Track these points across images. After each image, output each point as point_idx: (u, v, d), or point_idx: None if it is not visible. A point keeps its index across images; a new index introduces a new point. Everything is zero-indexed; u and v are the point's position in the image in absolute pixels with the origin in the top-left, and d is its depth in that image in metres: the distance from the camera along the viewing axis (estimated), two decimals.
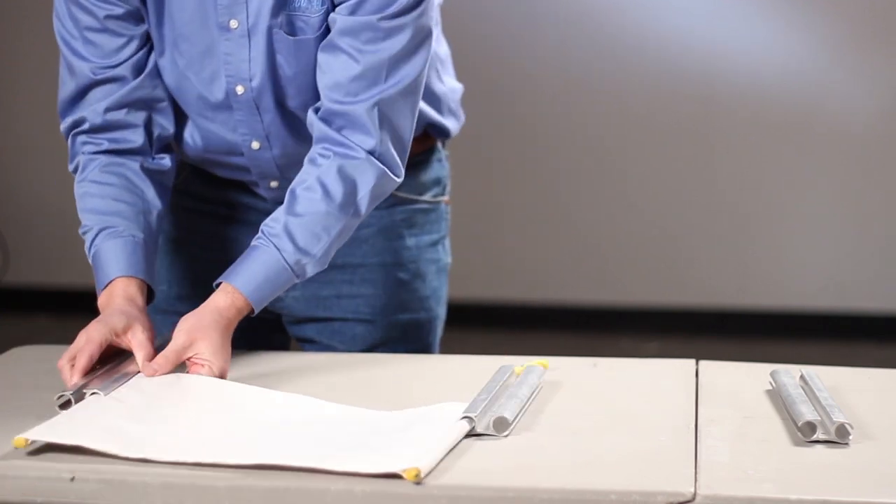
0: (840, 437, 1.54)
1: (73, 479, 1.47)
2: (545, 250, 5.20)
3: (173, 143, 2.00)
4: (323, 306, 2.08)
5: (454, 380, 1.83)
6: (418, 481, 1.44)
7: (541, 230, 5.19)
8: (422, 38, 1.86)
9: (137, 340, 1.76)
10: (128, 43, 1.91)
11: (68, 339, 1.71)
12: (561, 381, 1.79)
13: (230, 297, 1.80)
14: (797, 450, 1.54)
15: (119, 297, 1.82)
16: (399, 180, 1.89)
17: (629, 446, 1.56)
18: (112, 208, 1.89)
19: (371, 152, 1.85)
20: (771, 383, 1.77)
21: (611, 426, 1.63)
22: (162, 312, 2.04)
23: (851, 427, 1.55)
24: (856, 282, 5.10)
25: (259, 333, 2.02)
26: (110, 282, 1.84)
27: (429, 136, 2.10)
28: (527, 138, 5.04)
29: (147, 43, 1.93)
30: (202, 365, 1.74)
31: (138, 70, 1.92)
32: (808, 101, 4.99)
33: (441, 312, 2.15)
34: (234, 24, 1.87)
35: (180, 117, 1.98)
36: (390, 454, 1.49)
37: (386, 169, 1.86)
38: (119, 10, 1.89)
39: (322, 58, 1.86)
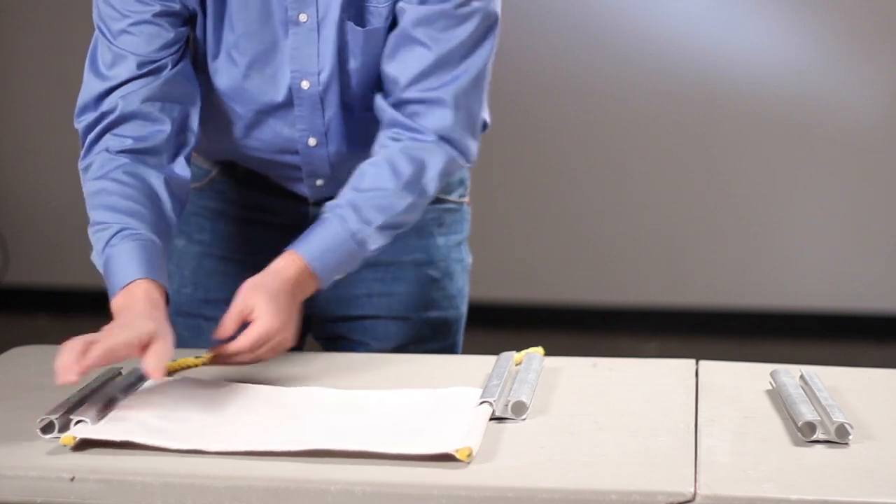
0: (840, 437, 1.55)
1: (73, 479, 1.47)
2: (545, 250, 5.20)
3: (193, 153, 1.98)
4: (354, 305, 2.08)
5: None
6: (470, 461, 1.48)
7: (541, 230, 5.19)
8: (490, 24, 1.89)
9: (158, 349, 1.66)
10: (172, 41, 1.88)
11: (68, 339, 1.70)
12: (561, 381, 1.79)
13: (289, 259, 1.80)
14: (797, 450, 1.54)
15: (142, 301, 1.73)
16: (469, 165, 1.92)
17: (629, 446, 1.56)
18: (132, 209, 1.81)
19: (442, 137, 1.88)
20: (771, 383, 1.77)
21: (611, 426, 1.63)
22: (185, 315, 2.05)
23: (851, 427, 1.55)
24: (856, 282, 5.10)
25: None
26: (130, 283, 1.74)
27: None
28: (526, 139, 5.04)
29: (185, 45, 1.91)
30: (255, 321, 1.73)
31: (173, 65, 1.89)
32: (809, 101, 4.99)
33: (465, 311, 2.17)
34: (303, 17, 1.87)
35: (231, 119, 1.96)
36: (436, 437, 1.54)
37: (456, 153, 1.89)
38: (175, 7, 1.87)
39: (393, 48, 1.88)
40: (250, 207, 2.07)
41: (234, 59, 1.91)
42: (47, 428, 1.58)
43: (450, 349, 2.13)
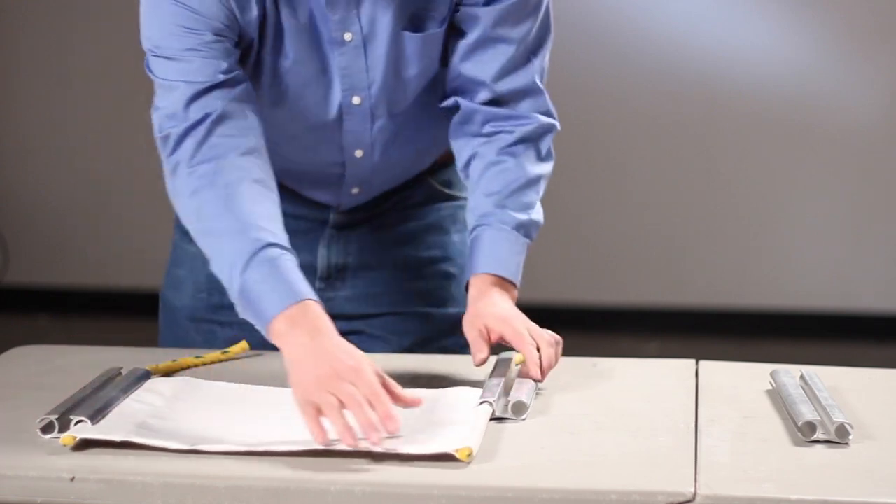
0: (840, 437, 1.54)
1: (73, 479, 1.47)
2: (545, 250, 5.18)
3: None
4: (374, 303, 2.08)
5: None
6: (470, 461, 1.48)
7: (541, 230, 5.18)
8: (549, 3, 1.95)
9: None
10: (232, 60, 1.83)
11: (68, 339, 1.70)
12: (561, 381, 1.79)
13: (479, 280, 1.86)
14: (797, 450, 1.54)
15: (331, 330, 1.65)
16: (559, 125, 1.98)
17: (629, 446, 1.56)
18: (279, 219, 1.75)
19: (539, 112, 1.94)
20: (771, 383, 1.77)
21: (611, 426, 1.63)
22: (199, 321, 2.04)
23: (851, 427, 1.55)
24: (856, 282, 5.10)
25: None
26: (304, 300, 1.66)
27: None
28: None
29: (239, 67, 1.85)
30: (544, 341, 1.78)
31: (244, 83, 1.83)
32: (809, 101, 4.99)
33: None
34: (348, 36, 1.86)
35: (281, 137, 1.92)
36: (436, 437, 1.54)
37: (554, 121, 1.96)
38: (234, 38, 1.82)
39: (469, 49, 1.90)
40: None
41: (289, 84, 1.90)
42: (47, 428, 1.58)
43: (467, 344, 2.13)
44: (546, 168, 1.96)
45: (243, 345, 1.94)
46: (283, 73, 1.89)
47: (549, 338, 1.78)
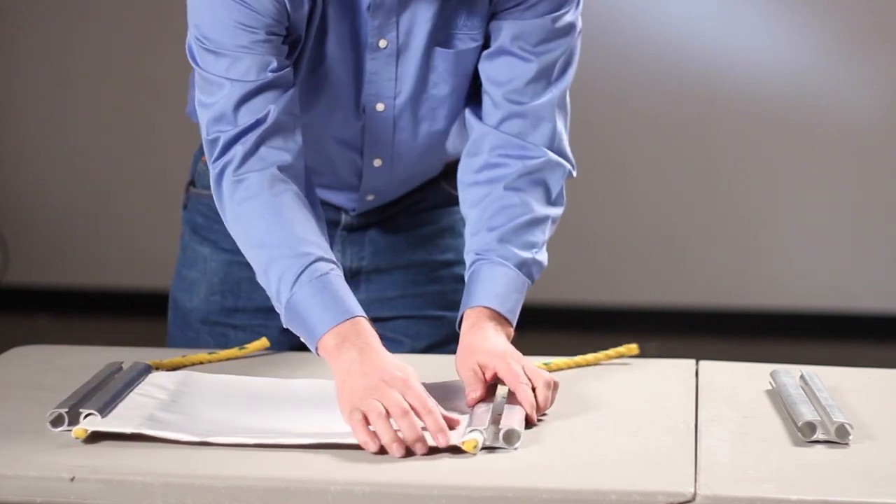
0: (840, 437, 1.55)
1: (73, 479, 1.47)
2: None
3: None
4: (389, 307, 2.08)
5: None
6: (476, 452, 1.49)
7: None
8: (578, 33, 1.89)
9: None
10: (281, 58, 1.80)
11: (68, 339, 1.71)
12: (561, 381, 1.79)
13: (475, 312, 1.77)
14: (797, 450, 1.54)
15: (380, 346, 1.67)
16: (575, 172, 1.93)
17: (629, 446, 1.56)
18: (325, 233, 1.77)
19: (551, 149, 1.89)
20: (771, 383, 1.77)
21: (611, 426, 1.63)
22: (213, 324, 2.04)
23: (851, 427, 1.55)
24: (856, 282, 5.10)
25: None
26: (354, 317, 1.68)
27: None
28: None
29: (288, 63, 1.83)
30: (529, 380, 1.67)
31: (292, 87, 1.82)
32: (809, 101, 4.99)
33: None
34: (383, 43, 1.84)
35: (305, 135, 1.89)
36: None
37: (568, 165, 1.91)
38: (283, 32, 1.80)
39: (489, 66, 1.87)
40: None
41: (322, 81, 1.88)
42: (57, 421, 1.59)
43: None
44: (555, 212, 1.90)
45: (263, 341, 1.94)
46: (320, 69, 1.87)
47: (546, 378, 1.67)
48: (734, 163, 5.08)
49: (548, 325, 5.09)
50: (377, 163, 1.95)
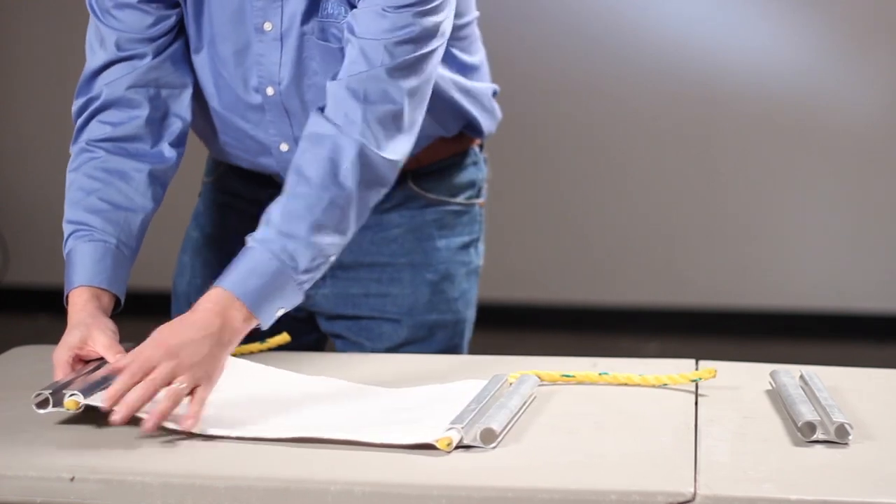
0: (840, 437, 1.54)
1: (73, 479, 1.47)
2: (545, 250, 5.20)
3: (185, 136, 1.99)
4: (352, 304, 2.08)
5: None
6: (450, 450, 1.49)
7: (541, 230, 5.19)
8: (420, 34, 1.79)
9: (101, 345, 1.72)
10: (155, 23, 1.90)
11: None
12: (561, 380, 1.79)
13: (210, 293, 1.70)
14: (797, 450, 1.54)
15: (75, 310, 1.81)
16: (391, 159, 1.80)
17: (629, 446, 1.56)
18: (92, 206, 1.87)
19: (344, 126, 1.78)
20: (771, 383, 1.77)
21: (611, 426, 1.63)
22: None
23: (851, 427, 1.55)
24: (856, 282, 5.10)
25: (293, 332, 2.02)
26: (71, 291, 1.83)
27: (463, 138, 2.10)
28: (526, 140, 5.04)
29: (174, 29, 1.91)
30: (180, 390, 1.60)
31: (159, 52, 1.91)
32: (809, 101, 4.99)
33: (470, 315, 2.14)
34: (268, 26, 1.87)
35: (212, 116, 1.97)
36: (422, 426, 1.54)
37: (366, 143, 1.77)
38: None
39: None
40: (253, 200, 2.07)
41: (212, 55, 1.92)
42: (42, 404, 1.60)
43: (450, 352, 2.13)
44: (331, 198, 1.76)
45: (285, 336, 1.95)
46: (205, 40, 1.91)
47: (126, 362, 1.62)
48: (734, 163, 5.08)
49: (548, 325, 5.10)
50: (284, 147, 1.96)
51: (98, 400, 1.60)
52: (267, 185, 2.06)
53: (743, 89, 4.99)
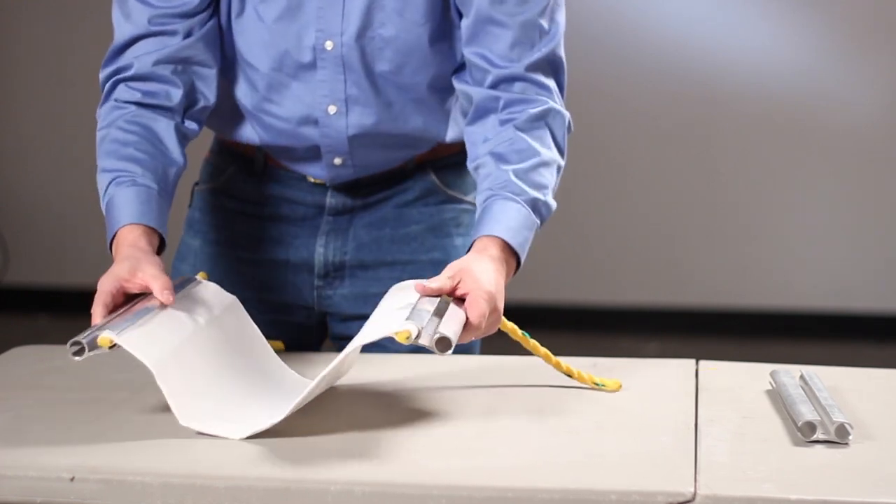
0: (840, 437, 1.55)
1: (73, 479, 1.47)
2: (545, 250, 5.19)
3: (209, 152, 2.01)
4: (372, 303, 2.07)
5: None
6: (410, 343, 1.51)
7: (541, 230, 5.18)
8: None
9: (149, 275, 1.71)
10: (190, 4, 1.90)
11: (68, 339, 1.70)
12: (561, 381, 1.79)
13: (486, 241, 1.78)
14: (797, 450, 1.54)
15: (124, 246, 1.78)
16: (573, 126, 1.96)
17: (629, 446, 1.56)
18: (131, 156, 1.85)
19: (553, 102, 1.91)
20: (771, 383, 1.77)
21: (611, 426, 1.63)
22: None
23: (851, 427, 1.55)
24: (856, 282, 5.10)
25: (294, 337, 2.02)
26: (119, 229, 1.80)
27: None
28: None
29: (206, 8, 1.91)
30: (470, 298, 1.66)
31: (190, 31, 1.90)
32: (809, 101, 4.99)
33: None
34: None
35: (254, 83, 1.95)
36: (380, 327, 1.58)
37: (567, 116, 1.93)
38: None
39: (472, 33, 1.88)
40: (266, 203, 2.06)
41: (260, 15, 1.90)
42: (79, 353, 1.59)
43: (467, 349, 2.12)
44: (559, 158, 1.92)
45: (278, 344, 1.94)
46: (253, 2, 1.90)
47: (480, 312, 1.66)
48: (734, 163, 5.08)
49: (548, 325, 5.09)
50: (332, 109, 1.94)
51: (133, 339, 1.60)
52: (276, 181, 2.05)
53: (743, 89, 4.99)
